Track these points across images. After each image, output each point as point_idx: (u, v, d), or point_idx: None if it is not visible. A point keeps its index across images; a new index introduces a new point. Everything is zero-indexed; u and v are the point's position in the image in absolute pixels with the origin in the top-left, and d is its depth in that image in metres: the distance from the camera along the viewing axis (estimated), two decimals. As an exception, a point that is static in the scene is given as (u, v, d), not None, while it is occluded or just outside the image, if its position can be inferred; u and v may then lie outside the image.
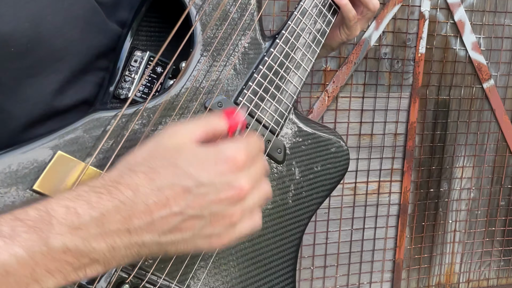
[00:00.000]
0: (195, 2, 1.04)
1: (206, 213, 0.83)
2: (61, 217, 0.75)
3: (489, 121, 3.68)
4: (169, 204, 0.80)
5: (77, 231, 0.76)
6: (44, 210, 0.76)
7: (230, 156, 0.85)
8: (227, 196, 0.83)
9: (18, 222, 0.74)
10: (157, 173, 0.82)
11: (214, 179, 0.83)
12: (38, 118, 0.97)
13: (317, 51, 1.25)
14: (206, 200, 0.82)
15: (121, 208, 0.78)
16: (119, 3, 1.09)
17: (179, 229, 0.82)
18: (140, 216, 0.79)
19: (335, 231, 3.54)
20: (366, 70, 3.33)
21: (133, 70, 1.08)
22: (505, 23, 3.55)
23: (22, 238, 0.72)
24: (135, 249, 0.81)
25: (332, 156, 1.34)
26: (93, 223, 0.77)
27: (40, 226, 0.74)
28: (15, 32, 0.88)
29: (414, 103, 3.44)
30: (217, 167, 0.84)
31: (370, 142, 3.48)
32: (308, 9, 1.21)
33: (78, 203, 0.77)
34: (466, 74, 3.54)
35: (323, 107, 3.25)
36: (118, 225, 0.78)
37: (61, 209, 0.76)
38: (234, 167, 0.85)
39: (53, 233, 0.74)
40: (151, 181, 0.81)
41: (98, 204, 0.78)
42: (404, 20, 3.32)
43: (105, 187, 0.80)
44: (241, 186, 0.84)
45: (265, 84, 1.12)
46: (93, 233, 0.77)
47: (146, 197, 0.80)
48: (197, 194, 0.82)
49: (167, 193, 0.80)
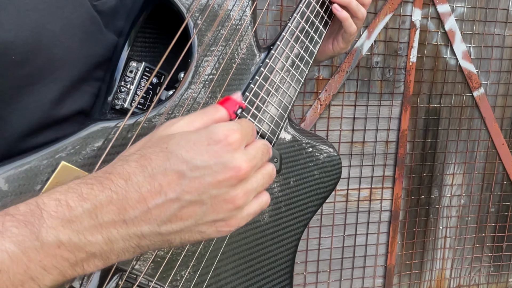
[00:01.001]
0: (192, 14, 1.04)
1: (205, 197, 0.80)
2: (52, 210, 0.74)
3: (479, 129, 3.69)
4: (163, 190, 0.78)
5: (69, 223, 0.74)
6: (34, 204, 0.75)
7: (222, 135, 0.82)
8: (225, 178, 0.80)
9: (7, 217, 0.72)
10: (149, 160, 0.80)
11: (208, 161, 0.80)
12: (35, 127, 0.96)
13: (310, 62, 1.26)
14: (203, 183, 0.79)
15: (113, 198, 0.77)
16: (117, 12, 1.08)
17: (179, 217, 0.80)
18: (134, 205, 0.77)
19: (328, 237, 3.54)
20: (358, 79, 3.33)
21: (129, 80, 1.08)
22: (495, 32, 3.56)
23: (12, 233, 0.71)
24: (134, 241, 0.79)
25: (325, 165, 1.35)
26: (86, 215, 0.75)
27: (30, 220, 0.72)
28: (16, 40, 0.87)
29: (405, 111, 3.45)
30: (210, 147, 0.81)
31: (362, 150, 3.48)
32: (301, 20, 1.22)
33: (69, 195, 0.76)
34: (457, 82, 3.55)
35: (315, 115, 3.25)
36: (112, 215, 0.76)
37: (52, 202, 0.75)
38: (228, 146, 0.81)
39: (45, 227, 0.72)
40: (142, 169, 0.79)
41: (90, 196, 0.76)
42: (396, 30, 3.33)
43: (96, 178, 0.79)
44: (239, 165, 0.81)
45: (261, 95, 1.13)
46: (87, 225, 0.75)
47: (139, 185, 0.77)
48: (192, 177, 0.79)
49: (160, 179, 0.78)
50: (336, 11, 1.31)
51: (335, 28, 1.43)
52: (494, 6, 3.51)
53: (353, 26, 1.35)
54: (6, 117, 0.93)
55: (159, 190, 0.78)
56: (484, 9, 3.50)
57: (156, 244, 0.81)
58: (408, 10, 3.31)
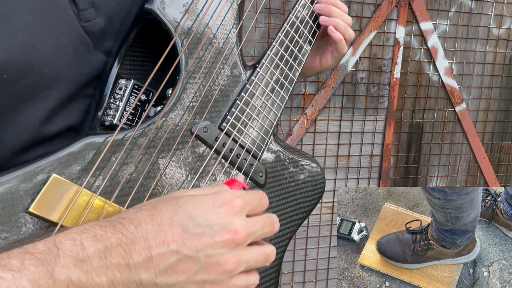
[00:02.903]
0: (180, 32, 1.05)
1: (201, 255, 0.81)
2: (67, 249, 0.75)
3: (461, 143, 3.71)
4: (167, 240, 0.80)
5: (81, 263, 0.75)
6: (52, 242, 0.76)
7: (228, 199, 0.85)
8: (222, 239, 0.82)
9: (27, 255, 0.73)
10: (159, 210, 0.82)
11: (210, 221, 0.82)
12: (26, 144, 0.97)
13: (294, 80, 1.27)
14: (202, 241, 0.81)
15: (123, 242, 0.78)
16: (105, 33, 1.08)
17: (175, 270, 0.81)
18: (139, 251, 0.78)
19: (314, 248, 3.55)
20: (343, 94, 3.34)
21: (118, 97, 1.09)
22: (476, 49, 3.58)
23: (29, 271, 0.72)
24: (133, 287, 0.79)
25: (309, 179, 1.36)
26: (97, 255, 0.76)
27: (47, 258, 0.74)
28: (8, 59, 0.88)
29: (389, 126, 3.46)
30: (214, 208, 0.84)
31: (347, 163, 3.49)
32: (286, 40, 1.24)
33: (83, 235, 0.77)
34: (439, 98, 3.57)
35: (302, 130, 3.27)
36: (119, 258, 0.78)
37: (68, 241, 0.76)
38: (230, 210, 0.84)
39: (59, 266, 0.74)
40: (152, 218, 0.81)
41: (102, 237, 0.78)
42: (380, 46, 3.35)
43: (109, 222, 0.81)
44: (236, 229, 0.83)
45: (247, 111, 1.14)
46: (96, 266, 0.76)
47: (147, 232, 0.79)
48: (194, 234, 0.81)
49: (166, 230, 0.80)
50: (331, 33, 1.34)
51: (322, 45, 1.45)
52: (475, 23, 3.54)
53: (346, 48, 1.37)
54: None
55: (164, 240, 0.80)
56: (466, 27, 3.53)
57: None
58: (392, 28, 3.34)
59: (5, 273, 0.71)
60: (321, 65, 1.46)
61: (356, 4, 3.20)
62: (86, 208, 0.91)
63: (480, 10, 3.54)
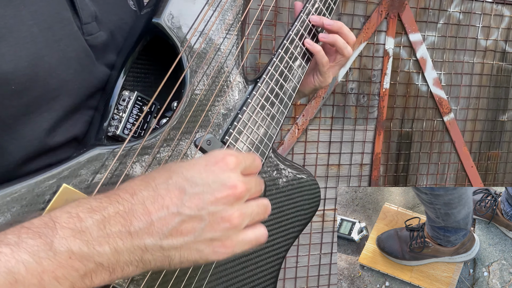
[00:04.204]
0: (186, 47, 1.05)
1: (204, 213, 0.82)
2: (64, 222, 0.75)
3: (449, 152, 3.73)
4: (165, 204, 0.81)
5: (80, 234, 0.75)
6: (47, 217, 0.76)
7: (220, 157, 0.87)
8: (222, 195, 0.84)
9: (23, 229, 0.74)
10: (152, 177, 0.84)
11: (207, 179, 0.84)
12: (31, 154, 0.97)
13: (293, 95, 1.28)
14: (202, 199, 0.82)
15: (120, 210, 0.79)
16: (107, 46, 1.09)
17: (179, 231, 0.82)
18: (139, 217, 0.79)
19: (305, 256, 3.55)
20: (333, 104, 3.35)
21: (121, 109, 1.09)
22: (464, 60, 3.60)
23: (27, 245, 0.72)
24: (138, 253, 0.80)
25: (305, 193, 1.37)
26: (95, 225, 0.77)
27: (44, 232, 0.74)
28: (15, 71, 0.88)
29: (379, 135, 3.47)
30: (208, 167, 0.85)
31: (338, 172, 3.49)
32: (285, 56, 1.24)
33: (79, 208, 0.78)
34: (428, 108, 3.58)
35: (293, 139, 3.27)
36: (119, 226, 0.78)
37: (64, 214, 0.77)
38: (225, 167, 0.86)
39: (57, 237, 0.74)
40: (147, 185, 0.82)
41: (99, 208, 0.78)
42: (370, 57, 3.36)
43: (103, 194, 0.82)
44: (234, 184, 0.85)
45: (248, 125, 1.15)
46: (96, 235, 0.76)
47: (144, 199, 0.80)
48: (192, 193, 0.82)
49: (163, 194, 0.81)
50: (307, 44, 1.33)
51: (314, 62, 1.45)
52: (463, 35, 3.56)
53: (325, 59, 1.36)
54: (4, 145, 0.93)
55: (162, 204, 0.81)
56: (454, 38, 3.54)
57: (157, 259, 0.83)
58: (382, 39, 3.35)
59: (2, 248, 0.71)
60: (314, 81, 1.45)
61: (346, 16, 3.22)
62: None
63: (468, 21, 3.56)
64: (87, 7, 1.04)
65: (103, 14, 1.09)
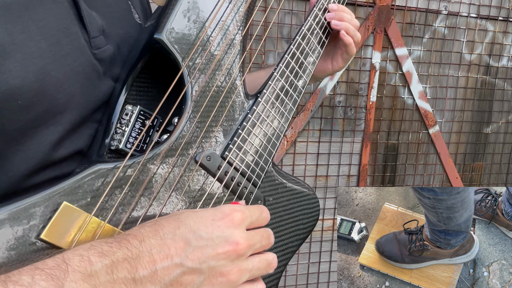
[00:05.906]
0: (187, 62, 1.04)
1: (204, 267, 0.83)
2: (75, 264, 0.75)
3: (435, 163, 3.74)
4: (170, 254, 0.81)
5: (89, 278, 0.75)
6: (61, 258, 0.76)
7: (226, 213, 0.87)
8: (224, 251, 0.84)
9: (37, 271, 0.73)
10: (161, 225, 0.84)
11: (211, 234, 0.84)
12: (36, 167, 0.95)
13: (293, 110, 1.27)
14: (205, 253, 0.83)
15: (128, 256, 0.79)
16: (114, 60, 1.08)
17: (180, 282, 0.82)
18: (144, 265, 0.79)
19: (294, 265, 3.55)
20: (321, 117, 3.35)
21: (124, 123, 1.08)
22: (449, 73, 3.61)
23: (40, 286, 0.71)
24: None
25: (305, 207, 1.36)
26: (104, 270, 0.76)
27: (57, 274, 0.73)
28: (23, 86, 0.87)
29: (366, 147, 3.48)
30: (215, 222, 0.86)
31: (326, 183, 3.50)
32: (286, 70, 1.24)
33: (91, 251, 0.77)
34: (414, 120, 3.60)
35: (282, 151, 3.27)
36: (125, 272, 0.78)
37: (76, 257, 0.76)
38: (229, 223, 0.86)
39: (68, 281, 0.73)
40: (155, 233, 0.82)
41: (109, 252, 0.78)
42: (357, 71, 3.37)
43: (115, 238, 0.81)
44: (236, 240, 0.85)
45: (248, 140, 1.13)
46: (103, 280, 0.76)
47: (151, 246, 0.80)
48: (196, 246, 0.82)
49: (169, 244, 0.81)
50: (343, 36, 1.39)
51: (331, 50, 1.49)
52: (448, 49, 3.57)
53: (354, 50, 1.44)
54: (11, 158, 0.92)
55: (167, 254, 0.81)
56: (439, 52, 3.56)
57: None
58: (368, 53, 3.36)
59: None
60: (333, 67, 1.52)
61: (335, 31, 3.22)
62: (95, 235, 0.90)
63: (453, 36, 3.57)
64: (95, 20, 1.03)
65: (110, 28, 1.08)
